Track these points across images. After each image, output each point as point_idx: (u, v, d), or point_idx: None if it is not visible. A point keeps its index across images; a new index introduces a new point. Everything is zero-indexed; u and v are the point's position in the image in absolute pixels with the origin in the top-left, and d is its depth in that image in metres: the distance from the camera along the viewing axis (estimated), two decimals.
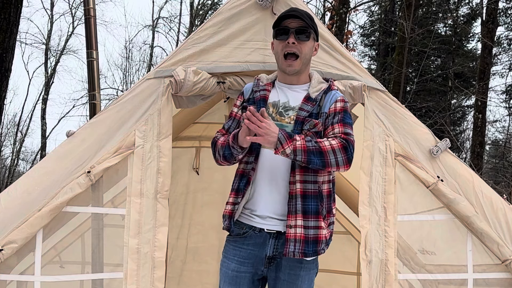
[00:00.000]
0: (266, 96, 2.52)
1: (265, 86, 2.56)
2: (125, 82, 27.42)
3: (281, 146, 2.26)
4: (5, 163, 28.08)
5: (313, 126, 2.41)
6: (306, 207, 2.37)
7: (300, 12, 2.49)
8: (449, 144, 2.88)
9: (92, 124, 2.81)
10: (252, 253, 2.43)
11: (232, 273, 2.46)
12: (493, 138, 21.98)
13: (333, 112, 2.45)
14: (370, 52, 22.14)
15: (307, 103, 2.46)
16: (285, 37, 2.44)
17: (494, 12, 13.51)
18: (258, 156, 2.45)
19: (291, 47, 2.43)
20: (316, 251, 2.39)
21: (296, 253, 2.35)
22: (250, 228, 2.44)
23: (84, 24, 4.32)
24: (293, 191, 2.37)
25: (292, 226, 2.35)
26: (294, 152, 2.27)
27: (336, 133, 2.40)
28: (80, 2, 24.11)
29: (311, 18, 2.52)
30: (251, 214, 2.45)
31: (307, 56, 2.50)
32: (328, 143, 2.32)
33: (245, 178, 2.44)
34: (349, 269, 4.59)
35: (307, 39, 2.47)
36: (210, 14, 22.33)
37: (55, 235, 2.76)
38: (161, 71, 2.83)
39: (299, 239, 2.35)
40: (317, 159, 2.29)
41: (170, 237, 4.01)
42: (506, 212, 2.85)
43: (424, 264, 2.86)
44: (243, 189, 2.44)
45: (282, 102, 2.50)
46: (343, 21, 11.86)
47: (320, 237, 2.38)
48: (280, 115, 2.46)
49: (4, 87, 6.73)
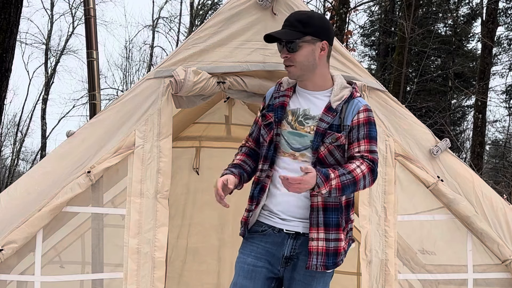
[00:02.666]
0: (285, 103, 2.45)
1: (285, 92, 2.48)
2: (125, 82, 27.44)
3: (319, 189, 2.24)
4: (5, 163, 28.11)
5: (335, 140, 2.36)
6: (327, 219, 2.35)
7: (290, 21, 2.40)
8: (449, 144, 2.89)
9: (92, 124, 2.81)
10: (269, 251, 2.42)
11: (248, 267, 2.43)
12: (493, 138, 22.00)
13: (356, 125, 2.38)
14: (370, 52, 22.15)
15: (328, 113, 2.38)
16: (280, 48, 2.41)
17: (494, 12, 13.52)
18: (273, 163, 2.42)
19: (285, 61, 2.40)
20: (336, 263, 2.39)
21: (319, 266, 2.35)
22: (269, 227, 2.43)
23: (84, 24, 4.32)
24: (315, 204, 2.35)
25: (314, 239, 2.34)
26: (330, 192, 2.27)
27: (362, 151, 2.35)
28: (80, 2, 24.13)
29: (303, 22, 2.39)
30: (271, 215, 2.43)
31: (304, 62, 2.39)
32: (360, 171, 2.29)
33: (259, 185, 2.43)
34: (349, 269, 4.58)
35: (299, 48, 2.36)
36: (210, 14, 22.33)
37: (55, 235, 2.77)
38: (161, 71, 2.83)
39: (321, 252, 2.34)
40: (350, 190, 2.31)
41: (170, 237, 4.01)
42: (506, 212, 2.85)
43: (424, 264, 2.86)
44: (257, 196, 2.42)
45: (302, 110, 2.43)
46: (343, 21, 11.87)
47: (340, 250, 2.38)
48: (300, 124, 2.40)
49: (4, 87, 6.73)
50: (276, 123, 2.41)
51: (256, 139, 2.56)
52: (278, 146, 2.41)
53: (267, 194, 2.43)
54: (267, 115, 2.47)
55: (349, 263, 4.58)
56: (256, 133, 2.56)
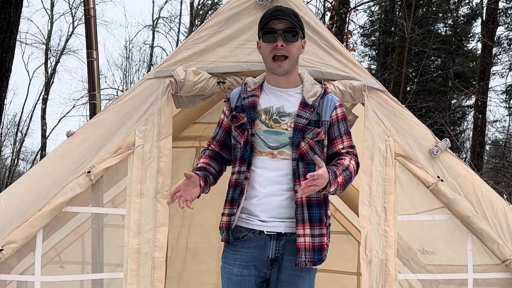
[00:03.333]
0: (255, 103, 2.44)
1: (253, 92, 2.47)
2: (125, 82, 27.43)
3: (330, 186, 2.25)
4: (5, 163, 28.10)
5: (316, 135, 2.38)
6: (311, 215, 2.36)
7: (286, 12, 2.41)
8: (449, 144, 2.89)
9: (92, 124, 2.81)
10: (254, 255, 2.40)
11: (236, 278, 2.42)
12: (493, 138, 21.99)
13: (335, 120, 2.44)
14: (370, 52, 22.14)
15: (305, 109, 2.40)
16: (272, 39, 2.37)
17: (494, 12, 13.51)
18: (250, 164, 2.40)
19: (280, 50, 2.36)
20: (321, 259, 2.41)
21: (307, 262, 2.36)
22: (249, 231, 2.40)
23: (84, 24, 4.32)
24: (299, 200, 2.35)
25: (301, 235, 2.35)
26: (336, 189, 2.31)
27: (346, 147, 2.45)
28: (80, 2, 24.12)
29: (297, 16, 2.45)
30: (250, 217, 2.41)
31: (296, 56, 2.43)
32: (352, 166, 2.39)
33: (239, 188, 2.40)
34: (349, 269, 4.59)
35: (295, 39, 2.40)
36: (210, 14, 22.33)
37: (55, 235, 2.76)
38: (161, 71, 2.83)
39: (308, 248, 2.35)
40: (347, 186, 2.37)
41: (170, 237, 4.01)
42: (506, 212, 2.85)
43: (424, 264, 2.86)
44: (237, 199, 2.40)
45: (275, 108, 2.43)
46: (343, 21, 11.86)
47: (323, 245, 2.40)
48: (275, 122, 2.40)
49: (4, 87, 6.72)
50: (250, 123, 2.40)
51: (221, 142, 2.55)
52: (254, 146, 2.40)
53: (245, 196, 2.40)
54: (238, 116, 2.45)
55: (349, 263, 4.59)
56: (221, 136, 2.55)
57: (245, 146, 2.40)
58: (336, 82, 2.83)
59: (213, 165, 2.53)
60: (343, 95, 2.83)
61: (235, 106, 2.51)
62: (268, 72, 2.50)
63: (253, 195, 2.40)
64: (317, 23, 2.90)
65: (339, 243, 4.50)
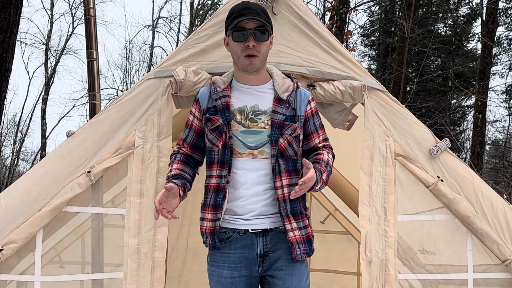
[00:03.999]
0: (229, 103, 2.38)
1: (224, 92, 2.42)
2: (125, 82, 27.44)
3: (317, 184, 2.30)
4: (5, 163, 28.10)
5: (293, 131, 2.36)
6: (293, 209, 2.36)
7: (255, 10, 2.33)
8: (449, 144, 2.88)
9: (92, 124, 2.81)
10: (242, 256, 2.37)
11: (226, 280, 2.40)
12: (493, 138, 22.00)
13: (310, 115, 2.45)
14: (370, 52, 22.14)
15: (280, 105, 2.36)
16: (242, 38, 2.31)
17: (494, 12, 13.51)
18: (230, 167, 2.36)
19: (251, 50, 2.31)
20: (312, 249, 2.43)
21: (302, 254, 2.38)
22: (233, 232, 2.37)
23: (84, 24, 4.32)
24: (281, 196, 2.34)
25: (290, 229, 2.34)
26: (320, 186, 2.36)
27: (321, 140, 2.49)
28: (80, 2, 24.12)
29: (266, 13, 2.39)
30: (233, 218, 2.38)
31: (265, 54, 2.39)
32: (331, 160, 2.45)
33: (221, 192, 2.36)
34: (349, 269, 4.59)
35: (266, 38, 2.35)
36: (210, 14, 22.33)
37: (55, 235, 2.76)
38: (161, 71, 2.83)
39: (300, 241, 2.36)
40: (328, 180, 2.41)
41: (170, 237, 4.01)
42: (506, 212, 2.85)
43: (424, 264, 2.86)
44: (220, 204, 2.36)
45: (250, 107, 2.38)
46: (343, 21, 11.86)
47: (310, 235, 2.42)
48: (252, 121, 2.36)
49: (4, 87, 6.72)
50: (226, 125, 2.36)
51: (192, 144, 2.50)
52: (233, 148, 2.36)
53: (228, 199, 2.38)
54: (212, 118, 2.39)
55: (349, 263, 4.59)
56: (192, 138, 2.50)
57: (224, 149, 2.36)
58: (336, 82, 2.83)
59: (187, 171, 2.48)
60: (343, 95, 2.83)
61: (206, 107, 2.44)
62: (237, 70, 2.44)
63: (237, 196, 2.37)
64: (317, 23, 2.89)
65: (339, 243, 4.51)
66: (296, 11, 2.85)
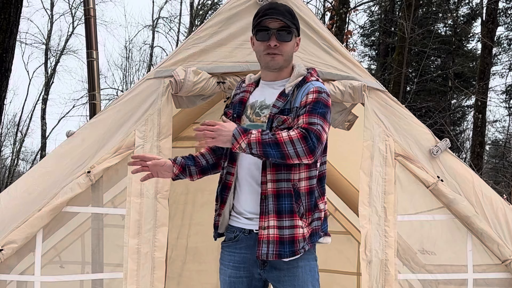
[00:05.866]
0: (244, 98, 2.43)
1: (246, 88, 2.47)
2: (125, 82, 27.45)
3: (236, 141, 2.18)
4: (5, 163, 28.10)
5: (281, 123, 2.30)
6: (279, 206, 2.26)
7: (280, 10, 2.34)
8: (449, 144, 2.89)
9: (92, 124, 2.81)
10: (245, 256, 2.36)
11: (230, 279, 2.40)
12: (493, 138, 22.01)
13: (304, 105, 2.30)
14: (370, 52, 22.15)
15: (280, 99, 2.36)
16: (266, 37, 2.32)
17: (494, 12, 13.51)
18: (234, 160, 2.37)
19: (273, 49, 2.32)
20: (294, 251, 2.27)
21: (270, 254, 2.25)
22: (240, 231, 2.37)
23: (84, 24, 4.32)
24: (265, 191, 2.28)
25: (265, 227, 2.26)
26: (249, 145, 2.17)
27: (299, 124, 2.24)
28: (80, 2, 24.12)
29: (292, 14, 2.39)
30: (238, 216, 2.39)
31: (289, 54, 2.39)
32: (286, 134, 2.18)
33: (221, 183, 2.40)
34: (349, 269, 4.59)
35: (289, 38, 2.35)
36: (210, 14, 22.33)
37: (55, 235, 2.76)
38: (161, 71, 2.83)
39: (272, 240, 2.25)
40: (274, 151, 2.17)
41: (170, 237, 4.01)
42: (506, 212, 2.85)
43: (424, 264, 2.86)
44: (220, 195, 2.39)
45: (259, 102, 2.41)
46: (343, 21, 11.87)
47: (297, 237, 2.26)
48: (257, 115, 2.38)
49: (4, 87, 6.73)
50: (235, 118, 2.38)
51: None
52: None
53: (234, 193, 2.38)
54: (227, 112, 2.47)
55: (349, 263, 4.59)
56: None
57: None
58: (336, 82, 2.83)
59: (207, 157, 2.53)
60: (343, 95, 2.83)
61: (231, 102, 2.54)
62: (262, 68, 2.47)
63: (238, 192, 2.38)
64: (317, 23, 2.89)
65: (339, 243, 4.50)
66: (296, 11, 2.85)
